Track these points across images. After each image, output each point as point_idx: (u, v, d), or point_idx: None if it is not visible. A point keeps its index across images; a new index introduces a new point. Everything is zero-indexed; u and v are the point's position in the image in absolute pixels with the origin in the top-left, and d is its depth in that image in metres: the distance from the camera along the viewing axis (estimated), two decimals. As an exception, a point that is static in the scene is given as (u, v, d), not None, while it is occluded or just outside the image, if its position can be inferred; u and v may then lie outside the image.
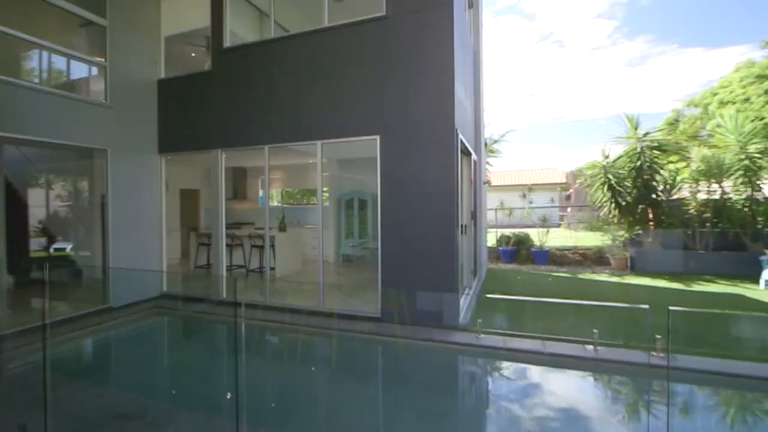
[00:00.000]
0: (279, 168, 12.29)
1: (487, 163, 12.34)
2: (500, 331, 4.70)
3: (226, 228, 10.43)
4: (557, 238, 10.97)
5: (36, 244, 8.79)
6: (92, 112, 5.77)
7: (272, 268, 8.35)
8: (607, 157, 8.98)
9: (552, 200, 11.59)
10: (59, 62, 6.31)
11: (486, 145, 8.94)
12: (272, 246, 8.38)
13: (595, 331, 4.07)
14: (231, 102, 6.12)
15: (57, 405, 3.17)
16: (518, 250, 10.12)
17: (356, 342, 4.81)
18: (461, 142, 5.20)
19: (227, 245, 8.96)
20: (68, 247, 9.05)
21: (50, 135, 5.29)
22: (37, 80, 6.12)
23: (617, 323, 5.17)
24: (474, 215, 7.04)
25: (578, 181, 9.68)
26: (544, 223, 10.11)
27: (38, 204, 8.89)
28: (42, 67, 6.31)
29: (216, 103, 6.24)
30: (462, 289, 6.32)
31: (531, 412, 3.21)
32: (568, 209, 15.42)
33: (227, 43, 6.17)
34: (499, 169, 22.90)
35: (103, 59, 5.93)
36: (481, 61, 7.81)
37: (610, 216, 8.87)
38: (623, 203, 8.49)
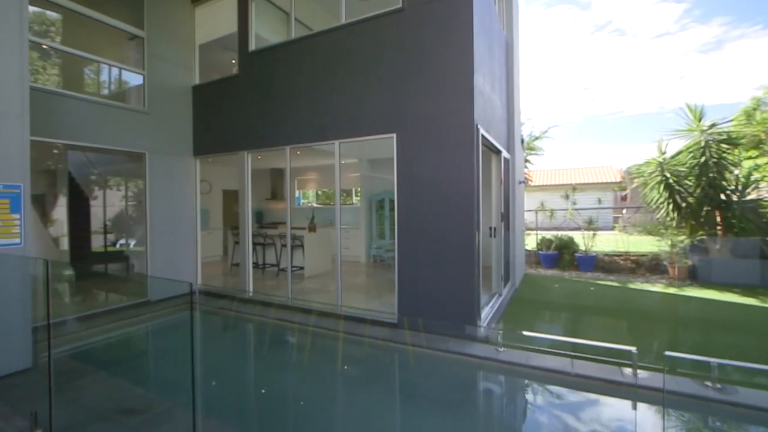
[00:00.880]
0: (313, 169, 12.50)
1: (527, 161, 11.57)
2: (523, 345, 4.29)
3: (263, 227, 10.83)
4: (607, 242, 9.99)
5: (102, 240, 9.63)
6: (132, 119, 6.16)
7: (301, 268, 8.46)
8: (663, 152, 7.97)
9: (599, 201, 10.55)
10: (104, 73, 6.84)
11: (523, 142, 8.34)
12: (302, 246, 8.49)
13: (634, 351, 3.54)
14: (255, 104, 6.24)
15: (75, 394, 3.35)
16: (560, 254, 9.35)
17: (368, 347, 4.64)
18: (485, 138, 4.84)
19: (260, 244, 9.28)
20: (131, 243, 9.84)
21: (96, 141, 5.71)
22: (86, 91, 6.68)
23: (664, 342, 4.51)
24: (506, 217, 6.56)
25: (636, 180, 8.71)
26: (590, 225, 9.23)
27: (98, 203, 9.74)
28: (90, 80, 6.88)
29: (241, 105, 6.40)
30: (491, 296, 5.93)
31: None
32: (623, 211, 14.04)
33: (252, 46, 6.30)
34: (541, 168, 21.57)
35: (141, 69, 6.32)
36: (516, 52, 7.28)
37: (668, 219, 7.86)
38: (683, 204, 7.48)
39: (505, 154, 6.33)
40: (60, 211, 8.80)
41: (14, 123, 3.69)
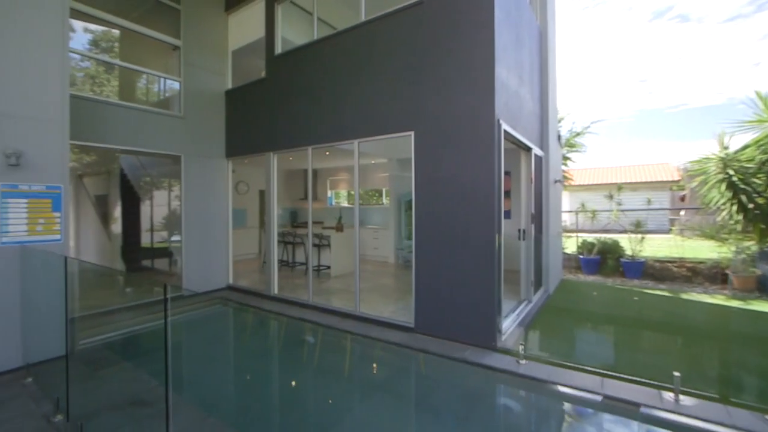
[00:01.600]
0: (344, 169, 12.60)
1: (567, 159, 10.81)
2: (547, 358, 3.96)
3: (296, 226, 11.08)
4: (660, 247, 9.09)
5: (149, 236, 10.36)
6: (169, 123, 6.51)
7: (328, 267, 8.53)
8: (726, 147, 7.06)
9: (649, 201, 9.58)
10: (144, 82, 7.31)
11: (560, 138, 7.78)
12: (329, 245, 8.56)
13: (676, 374, 3.12)
14: (280, 106, 6.35)
15: (98, 382, 3.56)
16: (603, 259, 8.63)
17: (380, 352, 4.52)
18: (509, 135, 4.54)
19: (290, 243, 9.49)
20: (175, 239, 10.52)
21: (137, 144, 6.10)
22: (127, 99, 7.19)
23: (718, 364, 3.96)
24: (537, 218, 6.15)
25: (697, 178, 7.83)
26: (638, 228, 8.42)
27: (146, 202, 10.48)
28: (132, 88, 7.39)
29: (268, 108, 6.54)
30: (518, 303, 5.58)
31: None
32: (681, 212, 12.70)
33: (278, 50, 6.42)
34: (584, 166, 20.10)
35: (178, 76, 6.67)
36: (551, 43, 6.80)
37: (731, 222, 6.96)
38: (751, 206, 6.56)
39: (536, 151, 5.92)
40: (114, 210, 9.58)
41: (55, 129, 4.00)
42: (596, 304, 6.37)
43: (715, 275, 7.40)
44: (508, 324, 4.73)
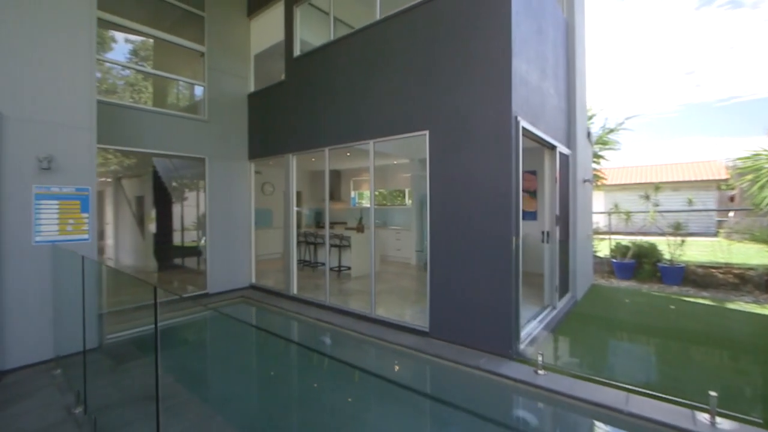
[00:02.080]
0: (367, 170, 12.57)
1: (600, 157, 10.21)
2: (570, 369, 3.72)
3: (320, 227, 11.20)
4: (703, 251, 8.42)
5: (180, 236, 10.80)
6: (194, 127, 6.74)
7: (349, 268, 8.54)
8: (780, 142, 6.39)
9: (690, 202, 8.83)
10: (173, 87, 7.60)
11: (590, 135, 7.35)
12: (349, 246, 8.57)
13: (713, 393, 2.82)
14: (298, 107, 6.41)
15: (119, 376, 3.70)
16: (639, 263, 8.09)
17: (392, 355, 4.43)
18: (529, 132, 4.32)
19: (312, 243, 9.59)
20: (204, 238, 10.93)
21: (163, 148, 6.37)
22: (154, 104, 7.50)
23: (763, 384, 3.57)
24: (563, 220, 5.84)
25: (748, 176, 7.19)
26: (678, 230, 7.81)
27: (177, 203, 10.93)
28: (159, 93, 7.71)
29: (287, 109, 6.62)
30: (541, 309, 5.32)
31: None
32: (730, 214, 11.68)
33: (297, 52, 6.48)
34: (620, 165, 18.91)
35: (202, 81, 6.89)
36: (579, 35, 6.44)
37: (787, 225, 6.30)
38: (809, 207, 5.91)
39: (561, 149, 5.62)
40: (147, 210, 10.07)
41: (83, 135, 4.22)
42: (627, 312, 5.96)
43: (767, 283, 6.73)
44: (528, 331, 4.50)
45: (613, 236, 9.03)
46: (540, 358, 3.70)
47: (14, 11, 3.79)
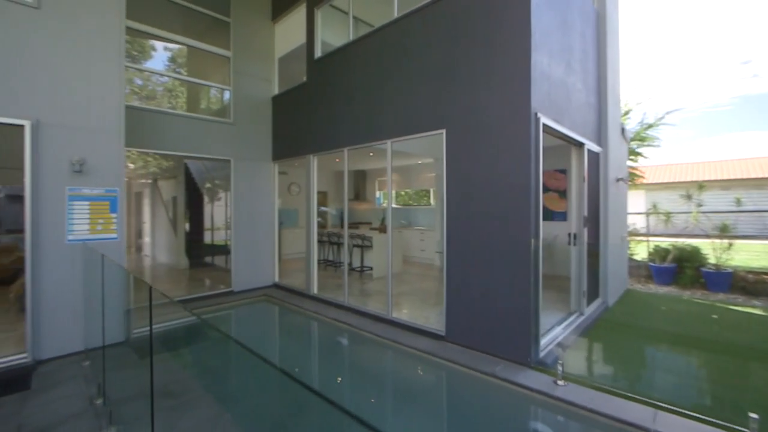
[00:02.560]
0: (393, 169, 12.52)
1: (638, 154, 9.56)
2: (593, 381, 3.48)
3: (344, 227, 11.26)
4: (756, 255, 7.69)
5: (210, 234, 11.25)
6: (220, 130, 6.96)
7: (370, 268, 8.52)
8: None
9: (738, 201, 8.01)
10: (202, 92, 7.90)
11: (624, 131, 6.89)
12: (371, 246, 8.55)
13: (753, 416, 2.53)
14: (318, 108, 6.46)
15: (139, 371, 3.85)
16: (680, 268, 7.50)
17: (406, 359, 4.35)
18: (551, 129, 4.10)
19: (335, 243, 9.65)
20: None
21: (190, 150, 6.61)
22: (182, 108, 7.82)
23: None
24: (593, 221, 5.51)
25: None
26: (725, 232, 7.16)
27: (208, 202, 11.39)
28: (186, 97, 8.03)
29: (308, 111, 6.69)
30: (567, 315, 5.05)
31: None
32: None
33: (318, 53, 6.53)
34: (659, 162, 17.63)
35: (228, 85, 7.11)
36: (611, 26, 6.05)
37: None
38: None
39: (590, 146, 5.30)
40: (180, 210, 10.55)
41: (112, 139, 4.45)
42: (663, 320, 5.52)
43: (831, 292, 6.03)
44: (551, 338, 4.27)
45: (651, 238, 8.45)
46: (560, 368, 3.49)
47: (49, 26, 4.05)
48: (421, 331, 4.75)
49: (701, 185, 7.87)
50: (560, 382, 3.42)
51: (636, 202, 11.24)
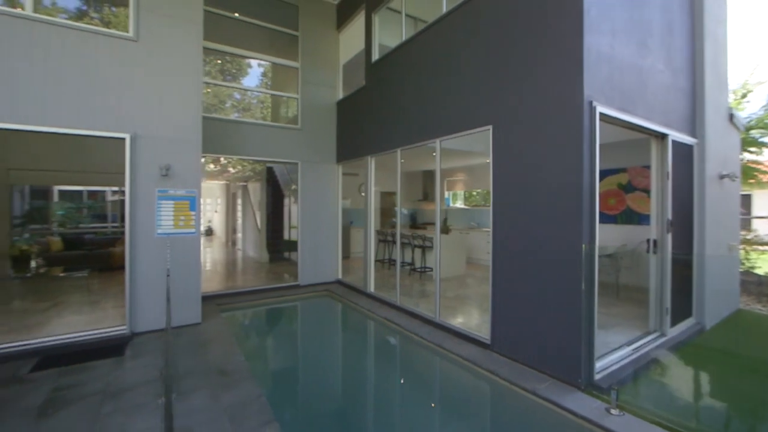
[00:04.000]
0: (461, 169, 12.17)
1: (761, 144, 7.67)
2: (656, 414, 2.95)
3: (415, 227, 11.35)
4: None
5: (288, 232, 12.27)
6: (289, 135, 7.56)
7: (430, 269, 8.41)
8: None
9: None
10: (278, 101, 8.64)
11: (732, 117, 5.63)
12: (431, 247, 8.43)
13: None
14: (374, 110, 6.60)
15: (203, 350, 4.39)
16: (823, 289, 5.88)
17: (446, 365, 4.19)
18: (615, 119, 3.58)
19: (401, 243, 9.73)
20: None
21: (263, 155, 7.31)
22: (256, 117, 8.64)
23: None
24: (683, 225, 4.66)
25: None
26: None
27: (288, 202, 12.42)
28: (259, 107, 8.84)
29: (366, 113, 6.88)
30: (642, 334, 4.37)
31: None
32: None
33: (375, 57, 6.67)
34: None
35: (296, 93, 7.68)
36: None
37: None
38: None
39: (676, 137, 4.48)
40: (264, 209, 11.70)
41: (192, 147, 5.15)
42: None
43: None
44: (613, 359, 3.73)
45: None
46: (614, 395, 3.04)
47: (144, 55, 4.85)
48: (467, 338, 4.55)
49: None
50: (614, 411, 2.97)
51: (762, 203, 9.04)
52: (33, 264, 8.74)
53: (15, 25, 4.18)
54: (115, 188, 13.26)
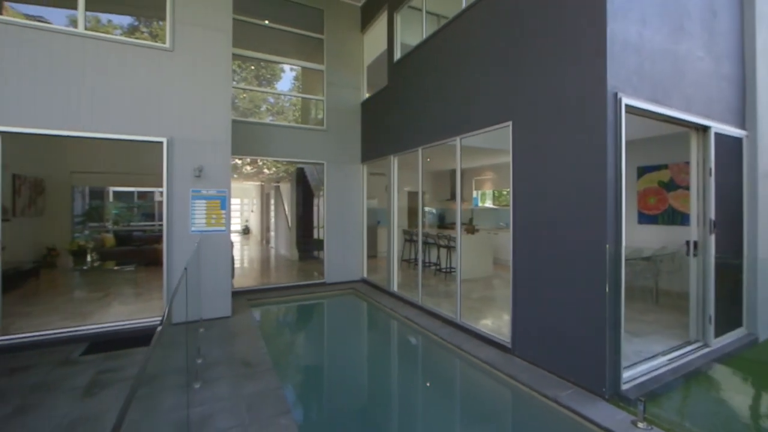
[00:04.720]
0: (489, 168, 11.88)
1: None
2: (688, 429, 2.74)
3: (443, 227, 11.24)
4: None
5: (316, 231, 12.54)
6: (315, 136, 7.74)
7: (454, 270, 8.28)
8: None
9: None
10: (308, 104, 8.86)
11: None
12: (455, 247, 8.30)
13: None
14: (397, 110, 6.60)
15: (230, 342, 4.61)
16: None
17: (464, 368, 4.11)
18: (645, 111, 3.36)
19: (425, 243, 9.67)
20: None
21: (291, 156, 7.55)
22: (284, 119, 8.89)
23: None
24: (730, 226, 4.28)
25: None
26: None
27: (317, 202, 12.70)
28: (287, 109, 9.09)
29: (388, 113, 6.90)
30: (680, 344, 4.07)
31: None
32: None
33: (397, 55, 6.67)
34: None
35: (322, 95, 7.85)
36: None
37: None
38: None
39: (721, 129, 4.11)
40: (294, 208, 12.06)
41: (222, 149, 5.42)
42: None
43: None
44: (645, 369, 3.50)
45: None
46: (641, 407, 2.85)
47: (179, 63, 5.17)
48: (488, 340, 4.44)
49: None
50: (641, 425, 2.79)
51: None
52: (89, 258, 9.58)
53: (70, 42, 4.61)
54: (161, 189, 14.23)
